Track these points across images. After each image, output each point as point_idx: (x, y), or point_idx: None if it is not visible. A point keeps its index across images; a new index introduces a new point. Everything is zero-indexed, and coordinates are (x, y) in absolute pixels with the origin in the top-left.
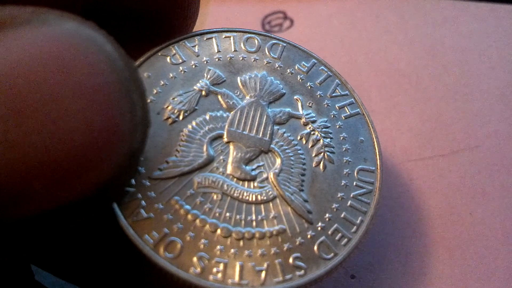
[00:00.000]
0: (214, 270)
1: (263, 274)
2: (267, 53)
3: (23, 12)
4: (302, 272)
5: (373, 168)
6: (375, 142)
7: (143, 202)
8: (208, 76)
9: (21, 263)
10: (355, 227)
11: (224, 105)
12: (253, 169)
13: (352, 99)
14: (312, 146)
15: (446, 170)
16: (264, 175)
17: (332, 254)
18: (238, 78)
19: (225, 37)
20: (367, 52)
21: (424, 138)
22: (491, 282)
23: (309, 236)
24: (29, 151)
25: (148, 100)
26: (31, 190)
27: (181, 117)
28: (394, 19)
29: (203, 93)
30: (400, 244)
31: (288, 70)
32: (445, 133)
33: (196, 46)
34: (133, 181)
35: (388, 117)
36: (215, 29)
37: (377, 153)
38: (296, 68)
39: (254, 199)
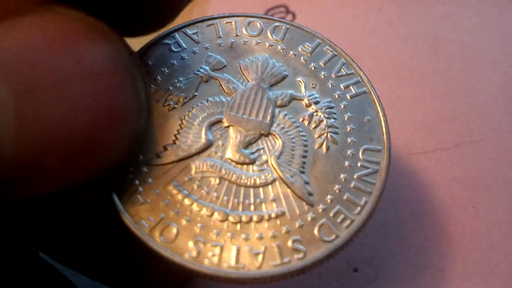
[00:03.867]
0: (210, 254)
1: (260, 257)
2: (270, 36)
3: (31, 2)
4: (301, 255)
5: (380, 147)
6: (382, 120)
7: (140, 188)
8: (209, 62)
9: (28, 248)
10: (359, 208)
11: (225, 90)
12: (252, 153)
13: (358, 78)
14: (315, 127)
15: (449, 164)
16: (264, 158)
17: (333, 236)
18: (239, 63)
19: (226, 22)
20: (370, 46)
21: (427, 131)
22: (493, 276)
23: (309, 218)
24: (42, 126)
25: None
26: (45, 166)
27: (180, 104)
28: (397, 13)
29: (203, 79)
30: (403, 237)
31: (291, 52)
32: (448, 126)
33: (197, 32)
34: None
35: (390, 110)
36: (216, 15)
37: (384, 132)
38: (300, 49)
39: (252, 182)
